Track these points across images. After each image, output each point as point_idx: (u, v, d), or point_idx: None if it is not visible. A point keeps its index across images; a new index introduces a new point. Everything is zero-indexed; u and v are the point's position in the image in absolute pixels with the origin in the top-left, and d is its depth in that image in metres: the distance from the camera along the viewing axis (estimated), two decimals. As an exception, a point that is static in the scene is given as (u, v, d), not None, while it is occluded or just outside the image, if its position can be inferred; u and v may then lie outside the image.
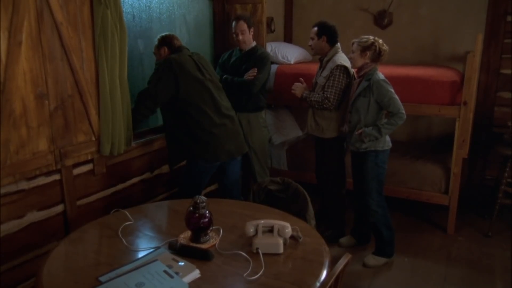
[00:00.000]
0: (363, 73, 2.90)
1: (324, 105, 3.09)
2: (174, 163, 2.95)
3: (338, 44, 3.19)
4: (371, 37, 2.86)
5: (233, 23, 3.36)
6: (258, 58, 3.35)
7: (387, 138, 2.95)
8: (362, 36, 2.89)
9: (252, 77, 3.28)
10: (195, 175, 2.88)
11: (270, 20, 4.46)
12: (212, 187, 3.68)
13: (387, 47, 2.87)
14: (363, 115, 2.89)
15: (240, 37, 3.33)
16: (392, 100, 2.80)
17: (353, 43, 2.92)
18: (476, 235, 3.54)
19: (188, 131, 2.76)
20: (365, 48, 2.84)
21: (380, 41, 2.87)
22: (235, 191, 3.09)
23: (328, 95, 3.06)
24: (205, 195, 2.15)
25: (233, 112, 2.94)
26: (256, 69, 3.29)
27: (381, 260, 3.08)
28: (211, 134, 2.75)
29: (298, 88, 3.25)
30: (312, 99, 3.14)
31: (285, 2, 4.85)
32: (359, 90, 2.89)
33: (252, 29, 3.37)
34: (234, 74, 3.39)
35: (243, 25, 3.32)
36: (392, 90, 2.82)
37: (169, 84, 2.67)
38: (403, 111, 2.81)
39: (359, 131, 2.89)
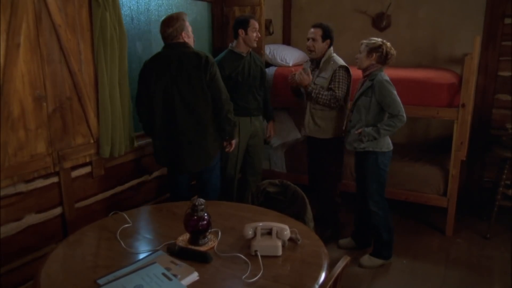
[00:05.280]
0: (368, 73, 2.91)
1: (332, 104, 3.09)
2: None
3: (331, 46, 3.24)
4: (380, 40, 2.88)
5: (252, 20, 3.21)
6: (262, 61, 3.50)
7: (388, 140, 2.94)
8: (371, 38, 2.90)
9: None
10: (169, 180, 2.91)
11: (268, 23, 4.47)
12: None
13: (395, 52, 2.87)
14: (364, 115, 2.90)
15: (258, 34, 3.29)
16: (392, 101, 2.80)
17: (361, 44, 2.92)
18: (475, 237, 3.54)
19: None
20: (372, 49, 2.85)
21: (388, 44, 2.87)
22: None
23: (339, 95, 3.07)
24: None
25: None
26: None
27: (377, 262, 3.08)
28: (157, 139, 2.73)
29: (304, 77, 3.12)
30: (320, 96, 3.08)
31: (283, 5, 4.86)
32: (362, 90, 2.90)
33: None
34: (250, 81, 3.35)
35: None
36: (395, 92, 2.83)
37: (141, 89, 2.67)
38: (403, 114, 2.80)
39: (359, 130, 2.89)
